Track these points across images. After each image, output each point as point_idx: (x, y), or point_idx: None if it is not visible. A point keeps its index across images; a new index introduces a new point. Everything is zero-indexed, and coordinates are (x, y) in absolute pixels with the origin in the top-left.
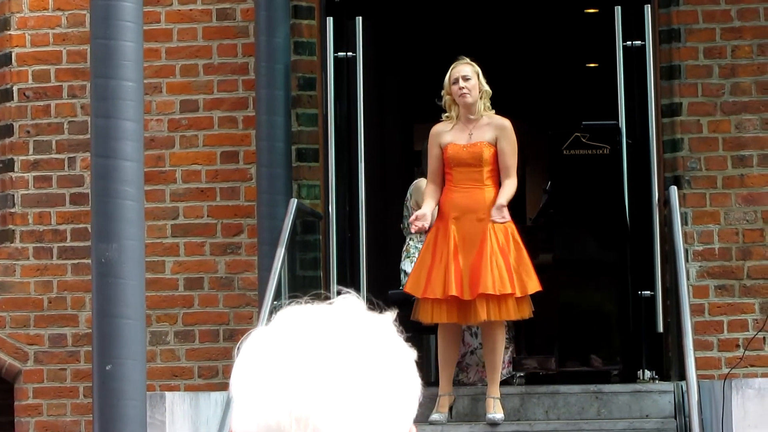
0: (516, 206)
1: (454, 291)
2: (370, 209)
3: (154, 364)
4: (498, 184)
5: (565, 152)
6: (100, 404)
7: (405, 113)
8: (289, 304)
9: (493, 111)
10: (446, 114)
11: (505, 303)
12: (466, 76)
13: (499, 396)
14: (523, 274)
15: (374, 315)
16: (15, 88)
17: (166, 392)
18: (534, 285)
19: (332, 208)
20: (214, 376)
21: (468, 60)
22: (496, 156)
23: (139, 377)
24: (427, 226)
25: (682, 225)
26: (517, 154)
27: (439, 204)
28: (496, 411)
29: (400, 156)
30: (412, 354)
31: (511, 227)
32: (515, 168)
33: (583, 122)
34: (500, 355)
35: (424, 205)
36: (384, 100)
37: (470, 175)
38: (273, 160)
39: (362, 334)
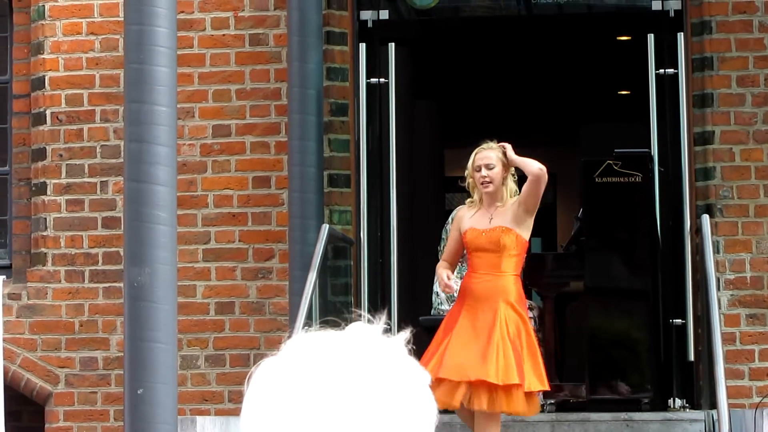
0: (547, 233)
1: (446, 373)
2: (401, 235)
3: (185, 388)
4: (520, 273)
5: (597, 180)
6: (132, 428)
7: (437, 139)
8: (309, 330)
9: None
10: (470, 199)
11: (511, 394)
12: (490, 165)
13: None
14: (533, 370)
15: (386, 339)
16: (48, 112)
17: (197, 416)
18: (542, 384)
19: (364, 234)
20: None
21: (493, 145)
22: (516, 242)
23: (170, 401)
24: (454, 285)
25: (713, 253)
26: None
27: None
28: None
29: (431, 182)
30: (426, 377)
31: (525, 323)
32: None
33: (616, 150)
34: None
35: (441, 272)
36: (416, 125)
37: (489, 260)
38: (305, 185)
39: (373, 361)
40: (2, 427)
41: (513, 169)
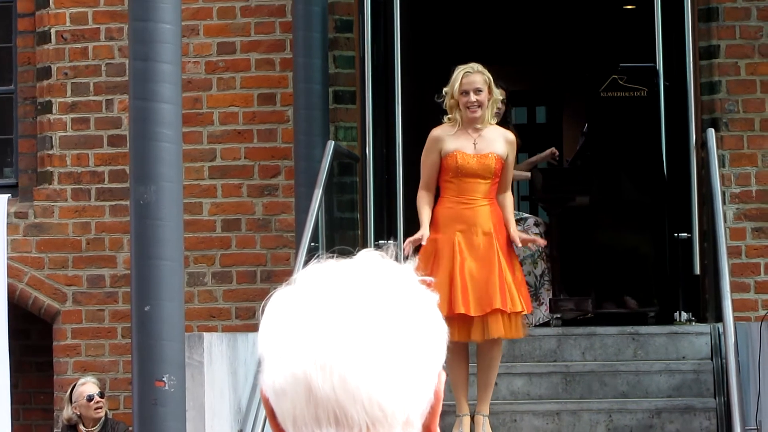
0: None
1: (461, 308)
2: (406, 151)
3: (192, 305)
4: (493, 198)
5: (602, 94)
6: (139, 345)
7: (442, 55)
8: (321, 255)
9: (495, 120)
10: (448, 116)
11: (515, 320)
12: (478, 89)
13: (488, 414)
14: (524, 292)
15: (395, 265)
16: (53, 31)
17: (204, 333)
18: (528, 305)
19: (369, 150)
20: (251, 317)
21: (479, 68)
22: (499, 167)
23: (177, 318)
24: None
25: (719, 167)
26: None
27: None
28: (485, 430)
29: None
30: (434, 299)
31: (511, 244)
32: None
33: (621, 64)
34: (495, 373)
35: (424, 220)
36: (421, 42)
37: (476, 187)
38: (310, 102)
39: (383, 284)
40: (6, 345)
41: (499, 91)
